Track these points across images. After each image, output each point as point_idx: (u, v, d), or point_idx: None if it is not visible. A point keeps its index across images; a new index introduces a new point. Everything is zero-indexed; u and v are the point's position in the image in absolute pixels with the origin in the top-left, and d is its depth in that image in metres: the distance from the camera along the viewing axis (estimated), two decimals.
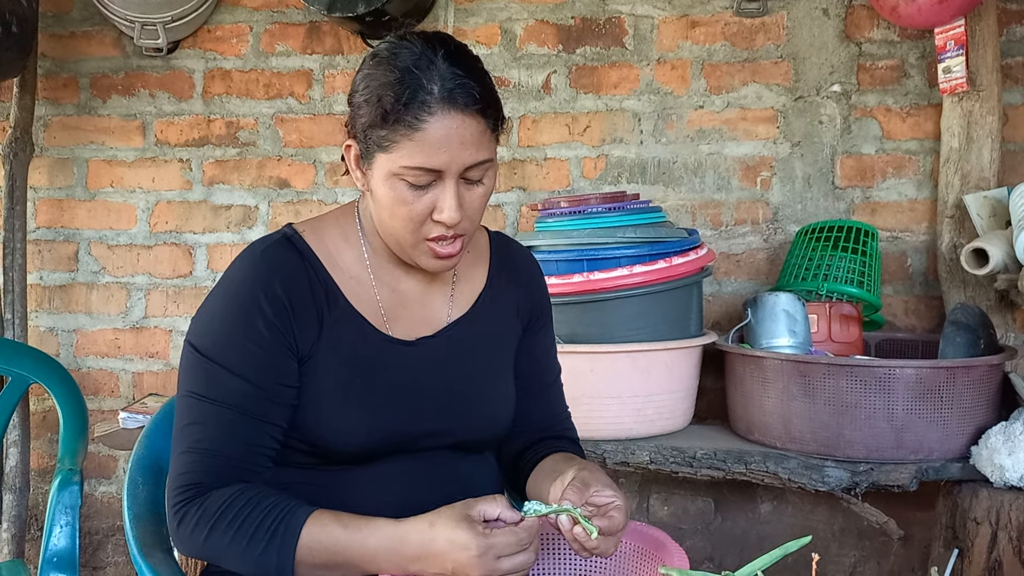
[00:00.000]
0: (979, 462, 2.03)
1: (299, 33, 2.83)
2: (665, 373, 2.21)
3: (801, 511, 2.63)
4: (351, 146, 1.23)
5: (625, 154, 2.70)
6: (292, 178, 2.84)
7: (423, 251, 1.22)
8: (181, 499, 1.17)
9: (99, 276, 2.92)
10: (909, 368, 2.05)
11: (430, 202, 1.18)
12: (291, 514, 1.14)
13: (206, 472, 1.17)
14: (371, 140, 1.17)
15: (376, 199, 1.22)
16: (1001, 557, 2.02)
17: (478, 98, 1.15)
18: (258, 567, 1.13)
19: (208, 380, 1.20)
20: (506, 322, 1.39)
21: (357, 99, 1.20)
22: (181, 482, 1.18)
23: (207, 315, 1.24)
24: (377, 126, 1.16)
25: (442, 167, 1.15)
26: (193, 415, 1.20)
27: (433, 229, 1.20)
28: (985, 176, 2.42)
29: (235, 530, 1.13)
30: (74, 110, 2.92)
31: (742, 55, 2.64)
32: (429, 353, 1.30)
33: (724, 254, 2.66)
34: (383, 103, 1.14)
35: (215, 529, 1.14)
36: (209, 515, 1.15)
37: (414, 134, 1.13)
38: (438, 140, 1.14)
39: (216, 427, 1.18)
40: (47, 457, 2.93)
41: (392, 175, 1.17)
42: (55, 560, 1.83)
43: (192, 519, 1.16)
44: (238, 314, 1.20)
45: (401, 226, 1.20)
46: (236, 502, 1.15)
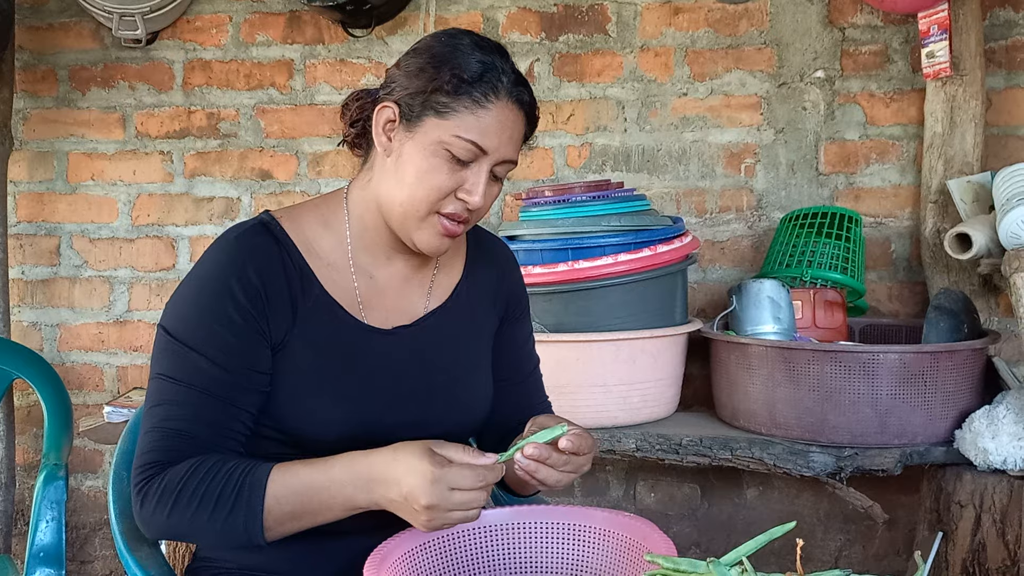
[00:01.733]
0: (963, 446, 2.04)
1: (279, 23, 2.81)
2: (650, 361, 2.21)
3: (786, 496, 2.64)
4: (388, 107, 1.23)
5: (609, 142, 2.69)
6: (274, 169, 2.83)
7: (430, 225, 1.23)
8: (142, 479, 1.16)
9: (81, 270, 2.90)
10: (893, 353, 2.06)
11: (460, 180, 1.21)
12: (254, 469, 1.13)
13: (168, 450, 1.15)
14: (427, 104, 1.19)
15: (401, 165, 1.22)
16: (985, 539, 2.04)
17: (532, 106, 1.25)
18: (226, 531, 1.12)
19: (177, 362, 1.18)
20: (483, 312, 1.40)
21: (415, 64, 1.22)
22: (142, 461, 1.16)
23: (179, 299, 1.23)
24: (443, 92, 1.18)
25: (490, 150, 1.20)
26: (160, 396, 1.19)
27: (450, 205, 1.22)
28: (968, 161, 2.42)
29: (199, 500, 1.12)
30: (53, 103, 2.89)
31: (725, 42, 2.64)
32: (406, 342, 1.30)
33: (709, 241, 2.66)
34: (458, 71, 1.18)
35: (177, 503, 1.12)
36: (170, 490, 1.13)
37: (479, 110, 1.18)
38: (496, 124, 1.19)
39: (182, 407, 1.17)
40: (32, 452, 2.92)
41: (438, 143, 1.19)
42: (41, 555, 1.83)
43: (153, 498, 1.14)
44: (210, 298, 1.20)
45: (423, 195, 1.20)
46: (196, 473, 1.13)
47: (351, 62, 2.79)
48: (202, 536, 1.15)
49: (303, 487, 1.12)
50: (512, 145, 1.23)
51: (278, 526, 1.13)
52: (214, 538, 1.15)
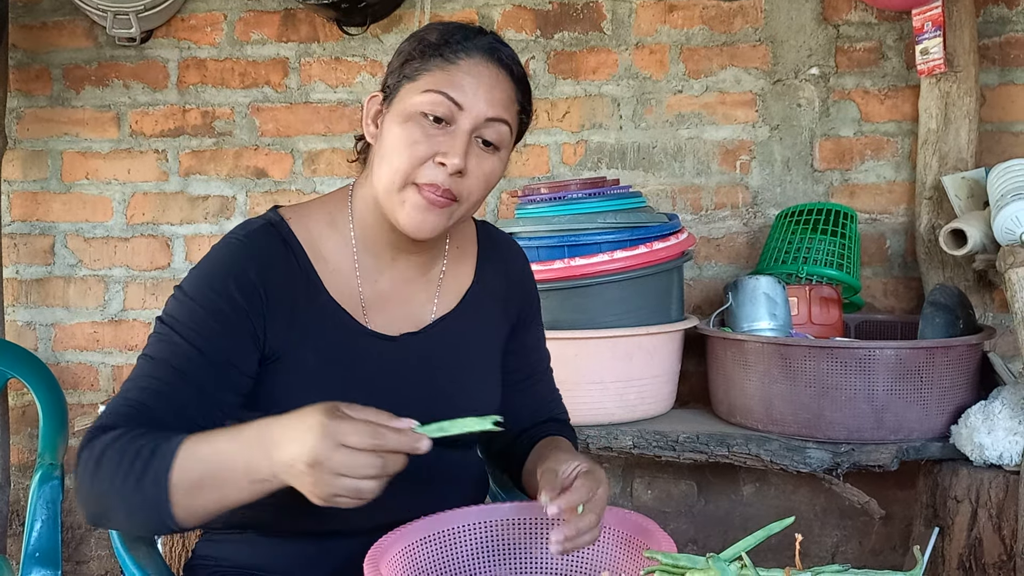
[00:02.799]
0: (959, 441, 2.05)
1: (274, 21, 2.80)
2: (647, 358, 2.21)
3: (783, 492, 2.64)
4: (376, 96, 1.23)
5: (605, 139, 2.69)
6: (269, 168, 2.82)
7: (408, 198, 1.16)
8: (85, 438, 1.09)
9: (76, 269, 2.89)
10: (889, 349, 2.06)
11: (436, 146, 1.15)
12: (169, 438, 1.04)
13: (117, 416, 1.10)
14: (402, 75, 1.19)
15: (383, 142, 1.19)
16: (981, 534, 2.04)
17: (515, 64, 1.21)
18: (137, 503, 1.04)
19: (160, 344, 1.16)
20: (493, 319, 1.36)
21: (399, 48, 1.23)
22: (89, 426, 1.11)
23: (178, 290, 1.21)
24: (414, 59, 1.18)
25: (464, 104, 1.15)
26: (134, 373, 1.15)
27: (428, 173, 1.15)
28: (963, 157, 2.43)
29: (114, 465, 1.04)
30: (47, 102, 2.88)
31: (720, 39, 2.64)
32: (412, 350, 1.27)
33: (704, 238, 2.67)
34: (427, 39, 1.18)
35: (100, 465, 1.05)
36: (97, 451, 1.06)
37: (448, 66, 1.16)
38: (468, 78, 1.16)
39: (149, 382, 1.13)
40: (27, 452, 2.91)
41: (410, 107, 1.16)
42: (37, 555, 1.82)
43: (86, 455, 1.07)
44: (206, 291, 1.17)
45: (398, 164, 1.16)
46: (121, 439, 1.06)
47: (346, 60, 2.78)
48: (117, 510, 1.07)
49: (210, 452, 1.02)
50: (492, 101, 1.17)
51: (185, 499, 1.02)
52: (127, 512, 1.06)
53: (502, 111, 1.18)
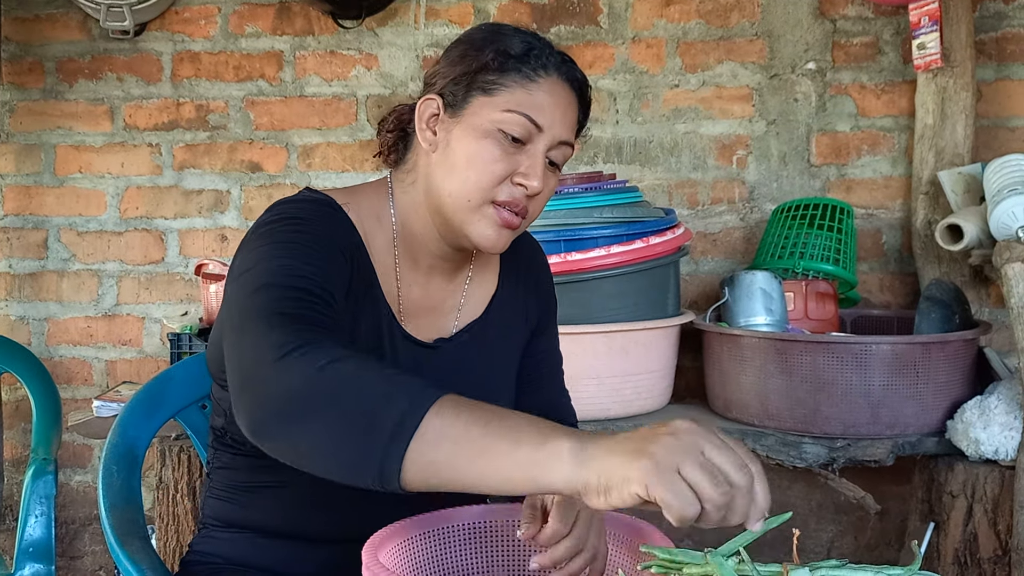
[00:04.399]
0: (955, 436, 2.05)
1: (268, 14, 2.79)
2: (643, 353, 2.21)
3: (779, 487, 2.64)
4: (432, 99, 1.17)
5: (601, 134, 2.69)
6: (264, 162, 2.81)
7: (485, 215, 1.14)
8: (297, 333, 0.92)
9: (69, 263, 2.88)
10: (885, 344, 2.06)
11: (515, 164, 1.13)
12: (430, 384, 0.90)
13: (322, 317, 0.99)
14: (473, 84, 1.14)
15: (450, 154, 1.15)
16: (976, 529, 2.04)
17: (584, 85, 1.20)
18: (370, 414, 0.85)
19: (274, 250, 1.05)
20: (515, 327, 1.35)
21: (455, 52, 1.18)
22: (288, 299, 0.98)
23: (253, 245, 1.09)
24: (489, 70, 1.13)
25: (544, 126, 1.13)
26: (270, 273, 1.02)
27: (506, 191, 1.14)
28: (959, 152, 2.43)
29: (361, 370, 0.88)
30: (40, 95, 2.86)
31: (717, 33, 2.63)
32: (444, 358, 1.25)
33: (701, 233, 2.66)
34: (503, 49, 1.14)
35: (335, 363, 0.88)
36: (331, 353, 0.89)
37: (529, 84, 1.13)
38: (548, 99, 1.14)
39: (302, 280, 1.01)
40: (21, 447, 2.90)
41: (489, 122, 1.12)
42: (31, 550, 1.82)
43: (309, 351, 0.89)
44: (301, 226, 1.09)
45: (476, 180, 1.12)
46: (364, 355, 0.92)
47: (341, 54, 2.77)
48: (336, 412, 0.86)
49: (484, 415, 0.85)
50: (565, 124, 1.16)
51: (431, 443, 0.83)
52: (348, 423, 0.86)
53: (571, 134, 1.18)
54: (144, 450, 1.49)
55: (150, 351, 2.86)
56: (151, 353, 2.86)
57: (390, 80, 2.75)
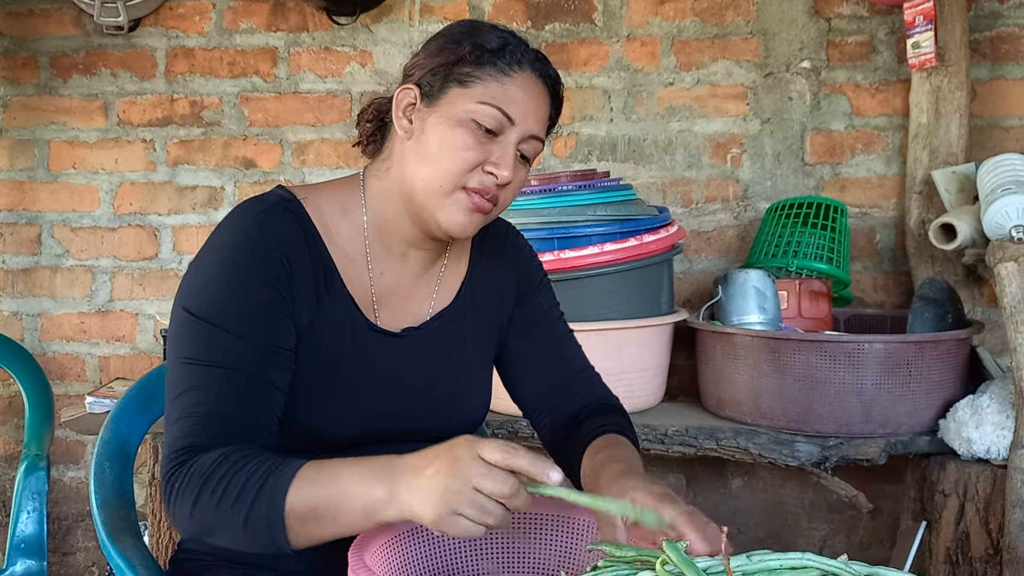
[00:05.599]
0: (947, 435, 2.05)
1: (263, 10, 2.78)
2: (636, 351, 2.21)
3: (771, 486, 2.65)
4: (409, 89, 1.20)
5: (595, 132, 2.69)
6: (258, 158, 2.80)
7: (456, 200, 1.18)
8: (171, 466, 1.07)
9: (63, 259, 2.87)
10: (878, 343, 2.06)
11: (486, 154, 1.17)
12: (284, 463, 1.04)
13: (199, 435, 1.07)
14: (450, 76, 1.17)
15: (424, 140, 1.18)
16: (968, 528, 2.05)
17: (556, 82, 1.24)
18: (250, 532, 1.02)
19: (201, 342, 1.11)
20: (489, 309, 1.36)
21: (434, 45, 1.21)
22: (173, 449, 1.08)
23: (198, 276, 1.16)
24: (465, 62, 1.17)
25: (516, 119, 1.17)
26: (188, 381, 1.10)
27: (477, 179, 1.18)
28: (953, 152, 2.43)
29: (222, 491, 1.03)
30: (34, 90, 2.86)
31: (712, 31, 2.63)
32: (413, 346, 1.27)
33: (695, 231, 2.66)
34: (480, 43, 1.18)
35: (203, 492, 1.04)
36: (198, 477, 1.04)
37: (503, 78, 1.17)
38: (521, 94, 1.18)
39: (210, 389, 1.09)
40: (13, 443, 2.89)
41: (463, 111, 1.16)
42: (23, 547, 1.81)
43: (182, 486, 1.05)
44: (233, 274, 1.13)
45: (448, 166, 1.16)
46: (224, 463, 1.04)
47: (336, 50, 2.77)
48: (227, 534, 1.05)
49: (328, 479, 1.02)
50: (538, 119, 1.20)
51: (300, 526, 1.02)
52: (239, 537, 1.04)
53: (542, 129, 1.22)
54: (136, 446, 1.49)
55: (144, 347, 2.85)
56: (144, 349, 2.85)
57: (384, 77, 2.75)
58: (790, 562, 0.92)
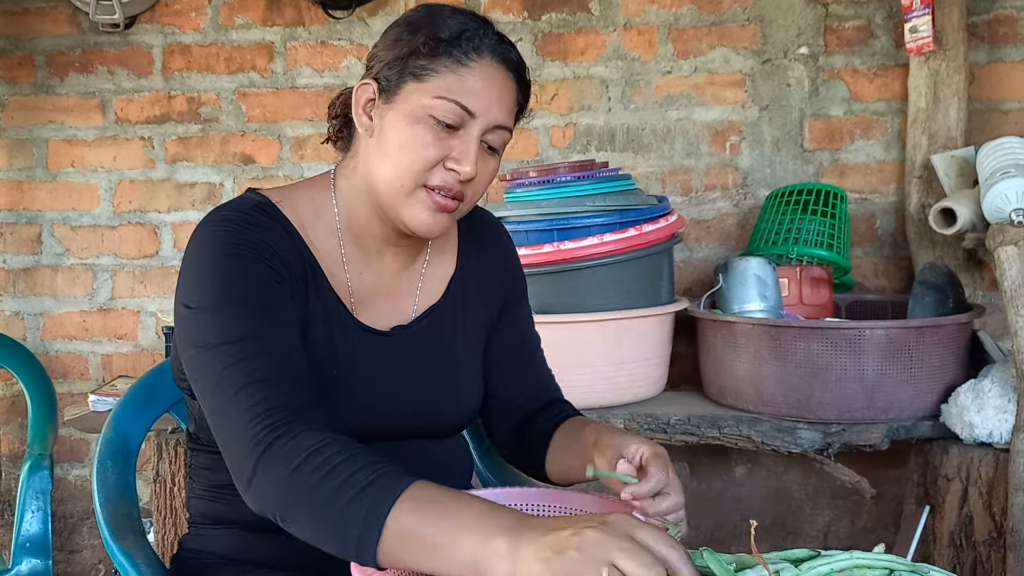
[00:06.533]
0: (949, 420, 2.05)
1: (259, 5, 2.77)
2: (637, 341, 2.21)
3: (775, 473, 2.65)
4: (367, 84, 1.16)
5: (593, 122, 2.68)
6: (256, 154, 2.80)
7: (418, 200, 1.14)
8: (263, 428, 1.00)
9: (63, 258, 2.87)
10: (879, 329, 2.06)
11: (447, 149, 1.13)
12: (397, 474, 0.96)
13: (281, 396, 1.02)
14: (405, 70, 1.13)
15: (383, 138, 1.15)
16: (972, 512, 2.05)
17: (520, 67, 1.18)
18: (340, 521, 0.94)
19: (219, 326, 1.07)
20: (479, 305, 1.35)
21: (391, 35, 1.16)
22: (257, 412, 1.00)
23: (193, 276, 1.12)
24: (420, 54, 1.12)
25: (476, 112, 1.12)
26: (227, 359, 1.04)
27: (439, 177, 1.13)
28: (952, 136, 2.42)
29: (328, 470, 0.96)
30: (31, 89, 2.85)
31: (709, 19, 2.62)
32: (401, 344, 1.25)
33: (694, 220, 2.66)
34: (435, 32, 1.12)
35: (305, 465, 0.96)
36: (301, 448, 0.97)
37: (460, 68, 1.11)
38: (480, 84, 1.12)
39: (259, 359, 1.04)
40: (17, 442, 2.90)
41: (420, 107, 1.11)
42: (28, 546, 1.82)
43: (281, 448, 0.98)
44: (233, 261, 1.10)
45: (408, 165, 1.12)
46: (334, 444, 0.98)
47: (332, 44, 2.76)
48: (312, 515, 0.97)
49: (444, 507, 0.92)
50: (502, 108, 1.14)
51: (394, 542, 0.92)
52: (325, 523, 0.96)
53: (508, 118, 1.17)
54: (139, 444, 1.49)
55: (146, 345, 2.86)
56: (147, 347, 2.86)
57: None
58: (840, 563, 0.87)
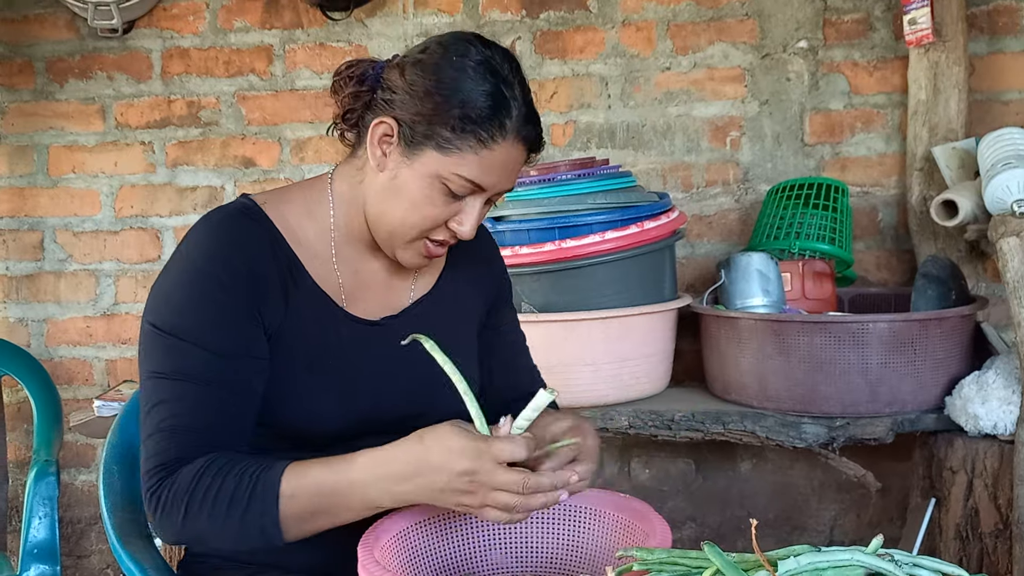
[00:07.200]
0: (953, 412, 2.05)
1: (257, 8, 2.77)
2: (640, 338, 2.21)
3: (780, 468, 2.65)
4: (385, 123, 1.17)
5: (593, 119, 2.68)
6: (257, 156, 2.80)
7: (415, 248, 1.22)
8: (152, 484, 1.11)
9: (66, 264, 2.88)
10: (882, 322, 2.06)
11: (455, 211, 1.19)
12: (267, 469, 1.08)
13: (174, 450, 1.10)
14: (430, 135, 1.14)
15: (395, 188, 1.18)
16: (977, 504, 2.05)
17: (538, 139, 1.22)
18: (243, 534, 1.08)
19: (169, 356, 1.14)
20: (468, 299, 1.39)
21: (420, 84, 1.15)
22: (150, 466, 1.11)
23: (163, 291, 1.18)
24: (446, 126, 1.14)
25: (488, 187, 1.18)
26: (158, 395, 1.13)
27: (441, 233, 1.21)
28: (953, 127, 2.42)
29: (211, 502, 1.07)
30: (31, 96, 2.86)
31: (707, 14, 2.62)
32: (394, 334, 1.26)
33: (696, 216, 2.66)
34: (466, 108, 1.13)
35: (191, 506, 1.07)
36: (182, 493, 1.08)
37: (482, 150, 1.15)
38: (498, 164, 1.17)
39: (181, 403, 1.12)
40: (24, 449, 2.90)
41: (436, 176, 1.16)
42: (35, 552, 1.83)
43: (166, 502, 1.09)
44: (196, 284, 1.16)
45: (415, 223, 1.18)
46: (207, 472, 1.08)
47: (331, 46, 2.76)
48: (219, 538, 1.11)
49: (318, 486, 1.07)
50: (511, 178, 1.21)
51: (296, 526, 1.09)
52: (231, 540, 1.10)
53: (512, 183, 1.23)
54: None
55: None
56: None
57: None
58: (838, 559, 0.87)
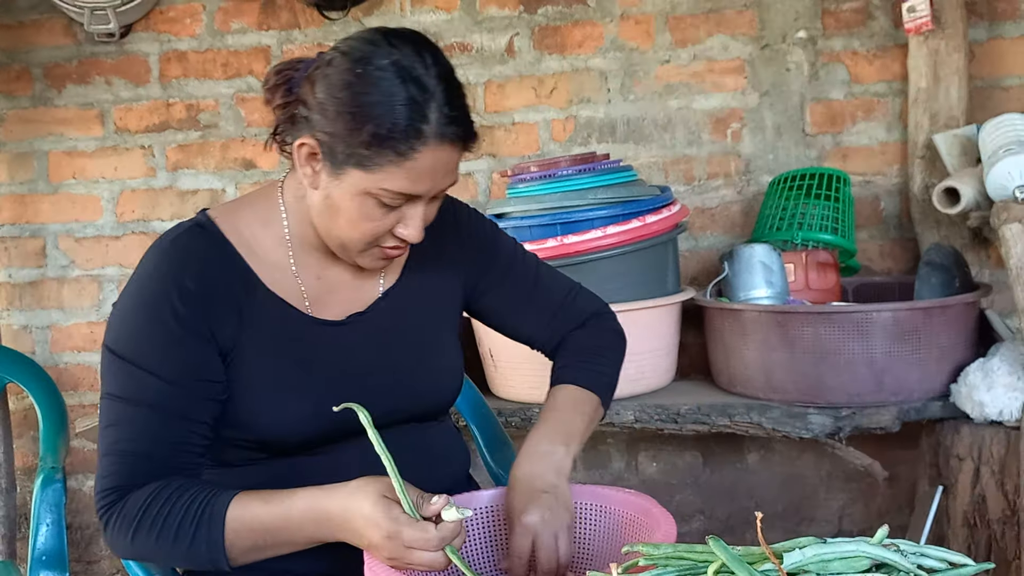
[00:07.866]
0: (959, 399, 2.05)
1: (253, 9, 2.77)
2: (645, 332, 2.20)
3: (787, 459, 2.65)
4: (307, 145, 1.15)
5: (594, 114, 2.67)
6: (258, 158, 2.80)
7: (371, 254, 1.22)
8: (103, 505, 1.15)
9: (69, 270, 2.88)
10: (886, 311, 2.05)
11: (396, 219, 1.18)
12: (213, 501, 1.11)
13: (125, 474, 1.14)
14: (349, 155, 1.12)
15: (331, 206, 1.18)
16: (984, 491, 2.05)
17: (466, 134, 1.16)
18: (191, 560, 1.12)
19: (123, 380, 1.16)
20: (442, 281, 1.37)
21: (332, 105, 1.13)
22: (101, 487, 1.15)
23: (119, 313, 1.20)
24: (361, 144, 1.11)
25: (422, 193, 1.16)
26: (111, 416, 1.16)
27: (390, 240, 1.20)
28: (954, 115, 2.41)
29: (159, 529, 1.11)
30: (29, 102, 2.85)
31: (706, 6, 2.61)
32: (362, 330, 1.28)
33: (698, 209, 2.65)
34: (375, 123, 1.10)
35: (139, 532, 1.12)
36: (130, 518, 1.12)
37: (403, 162, 1.11)
38: (425, 170, 1.13)
39: (131, 427, 1.15)
40: (31, 456, 2.91)
41: (366, 192, 1.14)
42: (43, 559, 1.82)
43: (115, 524, 1.14)
44: (148, 310, 1.17)
45: (359, 237, 1.18)
46: (156, 501, 1.12)
47: (328, 45, 2.73)
48: (168, 562, 1.18)
49: (261, 526, 1.11)
50: (449, 177, 1.18)
51: (242, 556, 1.12)
52: (181, 564, 1.17)
53: (453, 176, 1.19)
54: None
55: None
56: None
57: None
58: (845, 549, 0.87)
